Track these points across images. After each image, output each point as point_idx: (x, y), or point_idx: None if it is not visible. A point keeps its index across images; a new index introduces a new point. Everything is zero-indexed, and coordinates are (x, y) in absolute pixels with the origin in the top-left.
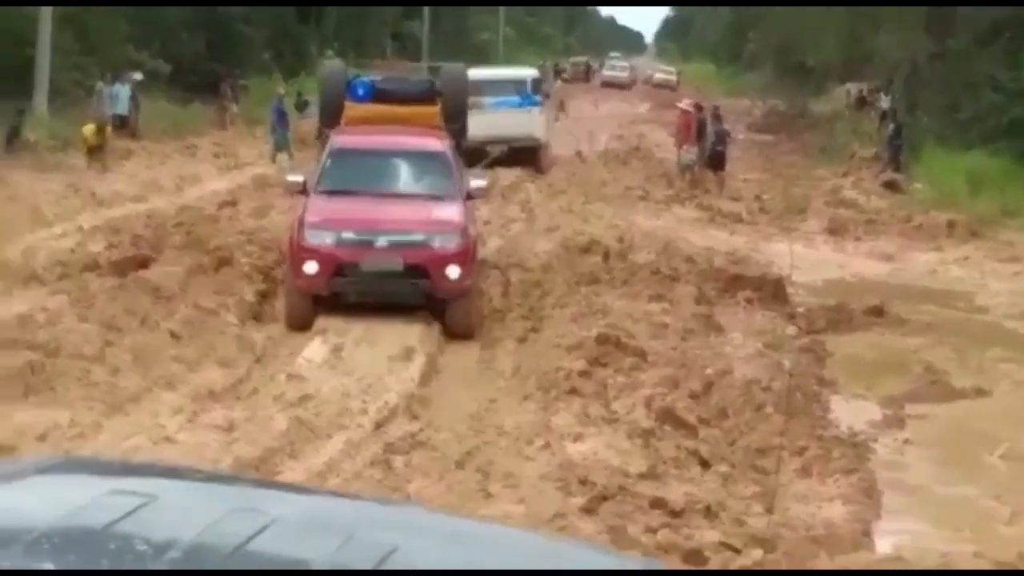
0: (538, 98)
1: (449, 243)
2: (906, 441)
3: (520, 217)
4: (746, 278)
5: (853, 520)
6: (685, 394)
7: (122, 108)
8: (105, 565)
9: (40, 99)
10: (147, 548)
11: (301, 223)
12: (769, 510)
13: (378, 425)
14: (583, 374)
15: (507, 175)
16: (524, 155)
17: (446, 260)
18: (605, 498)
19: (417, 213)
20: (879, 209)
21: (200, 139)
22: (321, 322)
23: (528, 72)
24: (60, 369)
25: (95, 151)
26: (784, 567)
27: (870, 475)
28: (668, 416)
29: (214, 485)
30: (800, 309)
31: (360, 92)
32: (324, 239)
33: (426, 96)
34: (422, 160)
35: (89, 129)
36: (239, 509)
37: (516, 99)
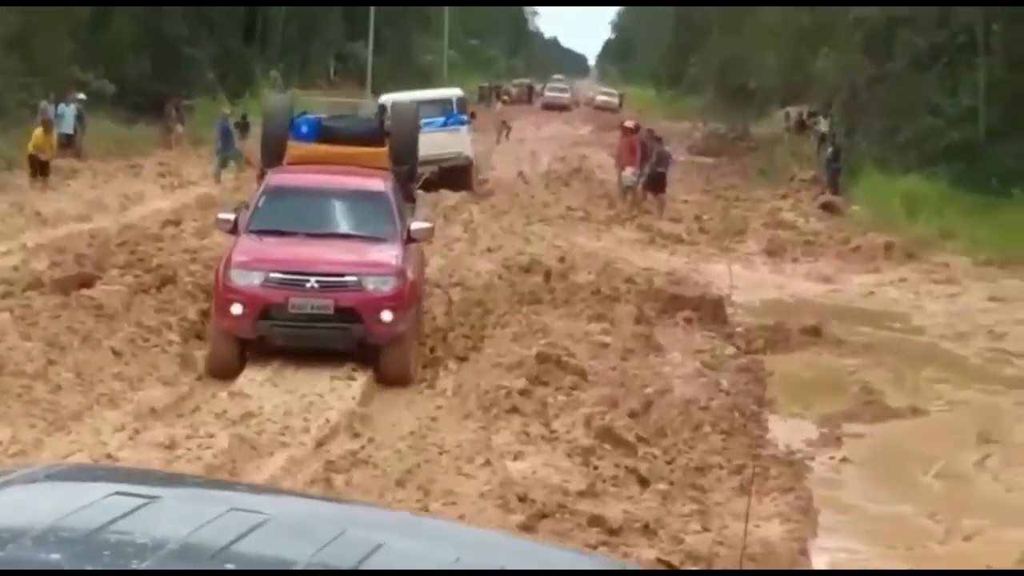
0: (464, 117)
1: (383, 285)
2: (843, 460)
3: (462, 237)
4: (685, 298)
5: (790, 538)
6: (625, 413)
7: (67, 127)
8: (106, 557)
9: None
10: (145, 543)
11: (228, 263)
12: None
13: (319, 443)
14: (523, 393)
15: (452, 196)
16: (455, 175)
17: (379, 303)
18: (544, 515)
19: (351, 254)
20: (817, 231)
21: (145, 159)
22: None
23: (452, 92)
24: (2, 386)
25: (41, 166)
26: None
27: (807, 493)
28: (608, 435)
29: (213, 489)
30: (739, 329)
31: (304, 130)
32: (251, 279)
33: (374, 136)
34: (361, 200)
35: (36, 134)
36: (235, 509)
37: (441, 119)
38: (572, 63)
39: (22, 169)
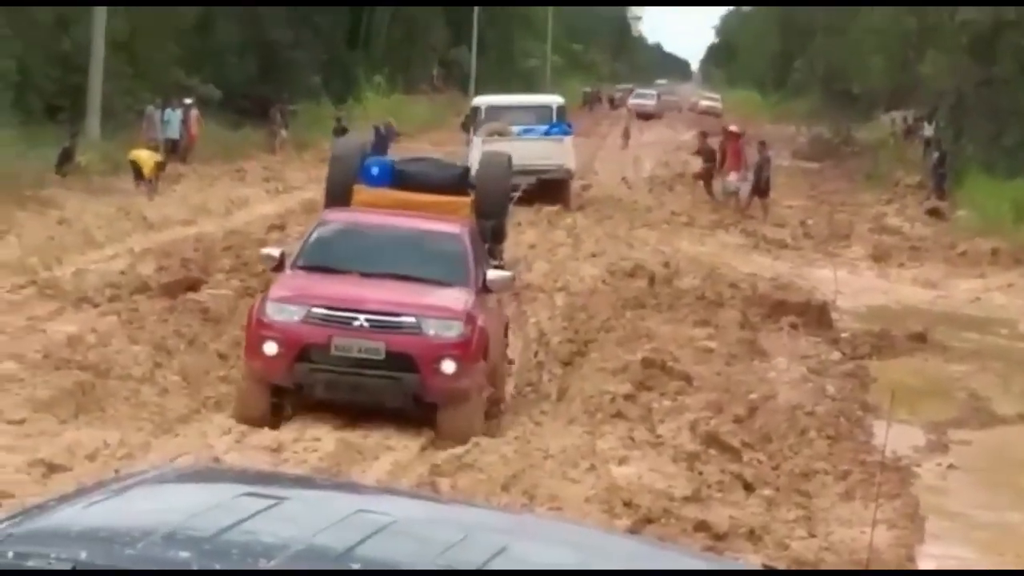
0: (567, 126)
1: (446, 331)
2: (950, 466)
3: (566, 242)
4: (790, 303)
5: (897, 544)
6: (729, 418)
7: (173, 132)
8: (234, 556)
9: (92, 123)
10: (272, 543)
11: (264, 297)
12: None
13: (424, 447)
14: (628, 398)
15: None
16: (552, 188)
17: (440, 351)
18: (650, 521)
19: (411, 294)
20: (923, 236)
21: (249, 163)
22: None
23: (553, 99)
24: (110, 389)
25: (147, 178)
26: None
27: (914, 500)
28: (713, 440)
29: (339, 492)
30: (844, 334)
31: (374, 172)
32: (289, 315)
33: (456, 185)
34: (429, 241)
35: (143, 155)
36: (361, 511)
37: (543, 127)
38: (675, 67)
39: (128, 173)
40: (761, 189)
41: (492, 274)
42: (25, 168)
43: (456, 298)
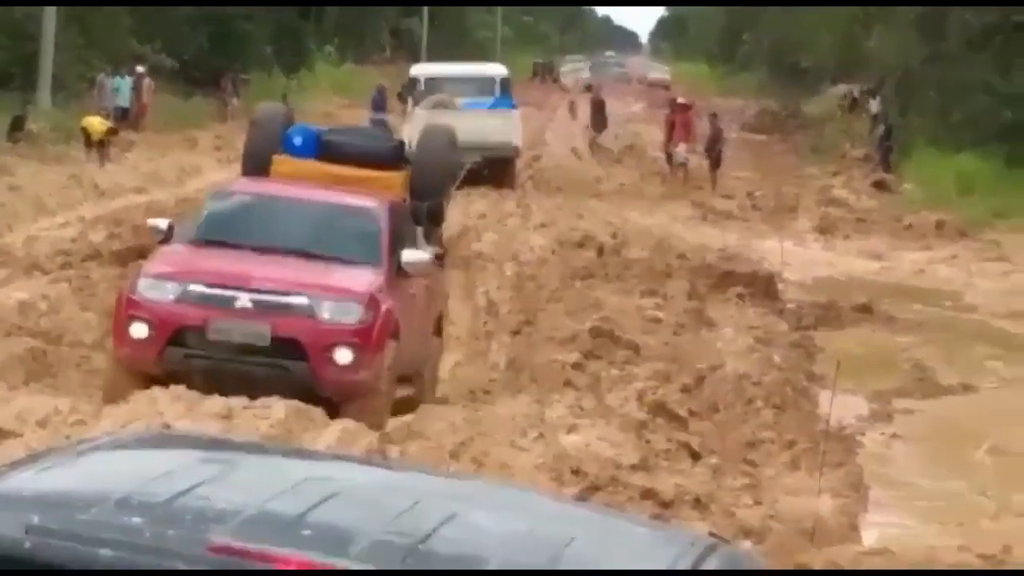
0: (512, 101)
1: (343, 315)
2: (893, 436)
3: (516, 212)
4: (737, 274)
5: (841, 513)
6: (677, 388)
7: (123, 100)
8: (187, 522)
9: (44, 92)
10: (225, 508)
11: (137, 273)
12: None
13: None
14: (577, 367)
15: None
16: (497, 167)
17: (334, 337)
18: (597, 488)
19: (307, 273)
20: (869, 209)
21: (201, 132)
22: None
23: (497, 69)
24: (61, 356)
25: (99, 145)
26: (773, 559)
27: (858, 469)
28: (660, 409)
29: (291, 458)
30: (790, 305)
31: (297, 142)
32: (163, 293)
33: (390, 159)
34: (338, 215)
35: (94, 122)
36: (312, 478)
37: (487, 100)
38: (624, 40)
39: (80, 142)
40: (713, 161)
41: (408, 255)
42: None
43: (360, 278)
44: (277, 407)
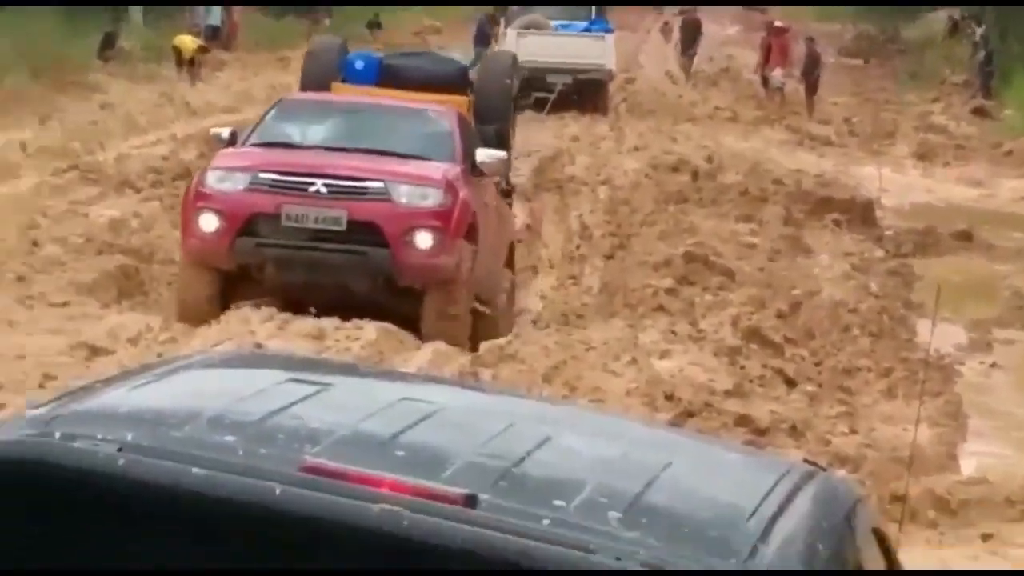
0: (608, 23)
1: (422, 199)
2: (993, 365)
3: (609, 135)
4: (834, 200)
5: (939, 442)
6: (772, 314)
7: (215, 19)
8: (280, 441)
9: (135, 10)
10: (318, 428)
11: (204, 169)
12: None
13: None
14: (670, 292)
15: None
16: (589, 90)
17: (413, 220)
18: (691, 414)
19: (381, 163)
20: (968, 135)
21: (293, 52)
22: None
23: None
24: (153, 274)
25: (190, 63)
26: (869, 487)
27: (956, 398)
28: (755, 335)
29: (385, 379)
30: (888, 232)
31: (358, 66)
32: (233, 183)
33: (451, 84)
34: (406, 117)
35: (186, 40)
36: (405, 400)
37: (582, 24)
38: None
39: (171, 60)
40: (810, 86)
41: (483, 152)
42: (68, 53)
43: (435, 168)
44: (368, 328)
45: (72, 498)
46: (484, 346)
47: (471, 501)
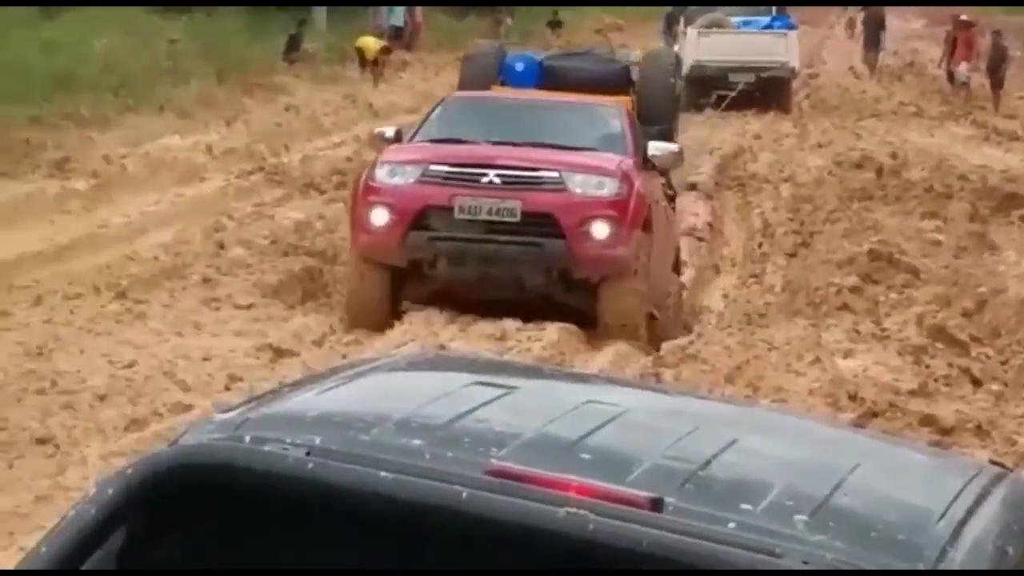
0: (790, 20)
1: (598, 188)
2: None
3: (792, 132)
4: (1021, 197)
5: None
6: (958, 312)
7: (397, 19)
8: (466, 445)
9: (319, 12)
10: (503, 432)
11: (374, 164)
12: None
13: (646, 338)
14: (854, 290)
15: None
16: (771, 88)
17: (590, 210)
18: (875, 414)
19: (555, 154)
20: None
21: None
22: None
23: None
24: (337, 276)
25: (373, 64)
26: None
27: None
28: (940, 334)
29: (569, 382)
30: None
31: (518, 68)
32: (404, 176)
33: (613, 84)
34: (576, 113)
35: (369, 42)
36: (590, 402)
37: (764, 19)
38: None
39: (354, 62)
40: (996, 80)
41: (655, 145)
42: (253, 56)
43: (610, 158)
44: (550, 329)
45: (261, 501)
46: (666, 346)
47: (657, 505)
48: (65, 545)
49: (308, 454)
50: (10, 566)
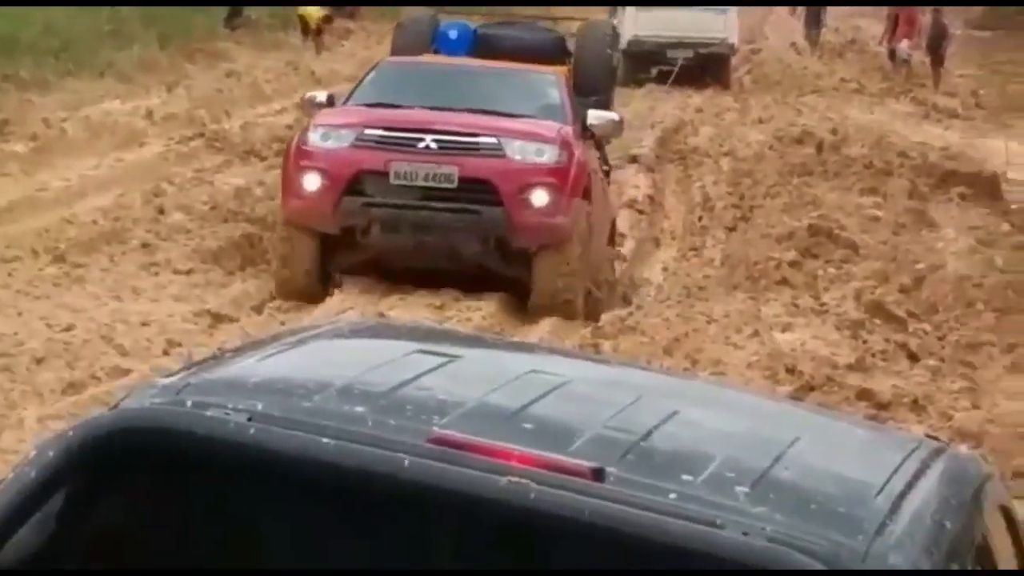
0: None
1: (537, 155)
2: None
3: (733, 107)
4: (960, 174)
5: None
6: (895, 288)
7: None
8: (408, 412)
9: None
10: (446, 400)
11: (306, 128)
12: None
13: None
14: (793, 264)
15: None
16: (711, 64)
17: (529, 177)
18: (812, 388)
19: (493, 120)
20: None
21: None
22: None
23: None
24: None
25: (315, 32)
26: (992, 463)
27: None
28: (878, 309)
29: (512, 351)
30: (1015, 206)
31: (452, 35)
32: (337, 140)
33: (549, 54)
34: (512, 78)
35: (311, 10)
36: (534, 371)
37: None
38: None
39: (296, 29)
40: (936, 58)
41: (594, 114)
42: (196, 22)
43: (549, 126)
44: (489, 300)
45: (202, 466)
46: (605, 318)
47: (599, 475)
48: (4, 507)
49: (250, 419)
50: None
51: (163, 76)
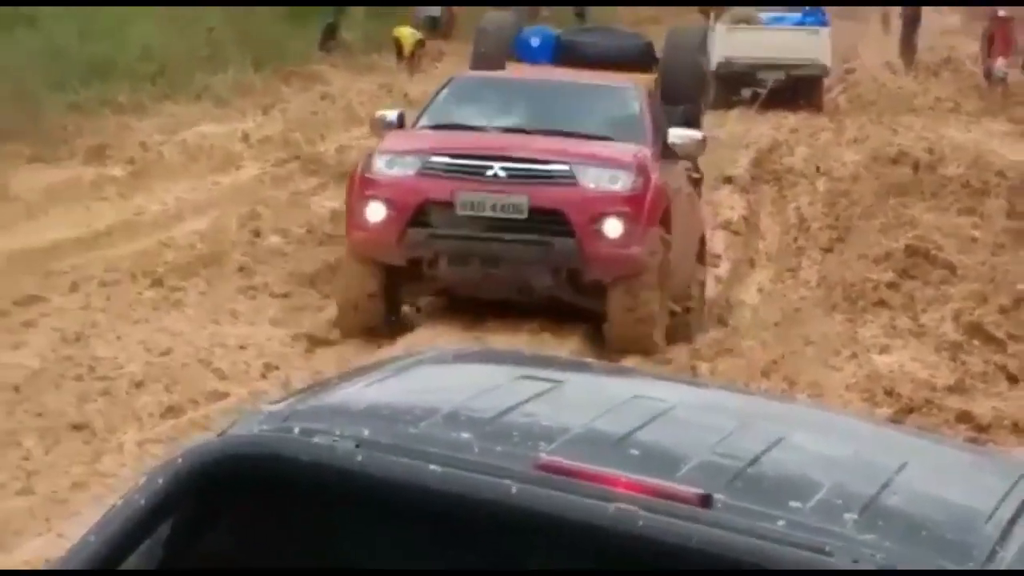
0: (824, 16)
1: (611, 183)
2: None
3: (828, 127)
4: None
5: None
6: (994, 308)
7: (433, 10)
8: (514, 438)
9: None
10: (551, 427)
11: (370, 153)
12: None
13: None
14: (891, 286)
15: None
16: (802, 87)
17: (602, 207)
18: (911, 410)
19: (566, 144)
20: None
21: None
22: None
23: None
24: None
25: (409, 55)
26: None
27: None
28: (977, 330)
29: (616, 376)
30: None
31: (533, 43)
32: (403, 168)
33: (635, 60)
34: (590, 95)
35: (405, 32)
36: (638, 397)
37: (796, 16)
38: None
39: (390, 52)
40: None
41: (676, 132)
42: (290, 45)
43: (625, 149)
44: (570, 338)
45: (309, 493)
46: (702, 339)
47: (707, 501)
48: (114, 535)
49: (357, 446)
50: (48, 553)
51: (258, 99)
